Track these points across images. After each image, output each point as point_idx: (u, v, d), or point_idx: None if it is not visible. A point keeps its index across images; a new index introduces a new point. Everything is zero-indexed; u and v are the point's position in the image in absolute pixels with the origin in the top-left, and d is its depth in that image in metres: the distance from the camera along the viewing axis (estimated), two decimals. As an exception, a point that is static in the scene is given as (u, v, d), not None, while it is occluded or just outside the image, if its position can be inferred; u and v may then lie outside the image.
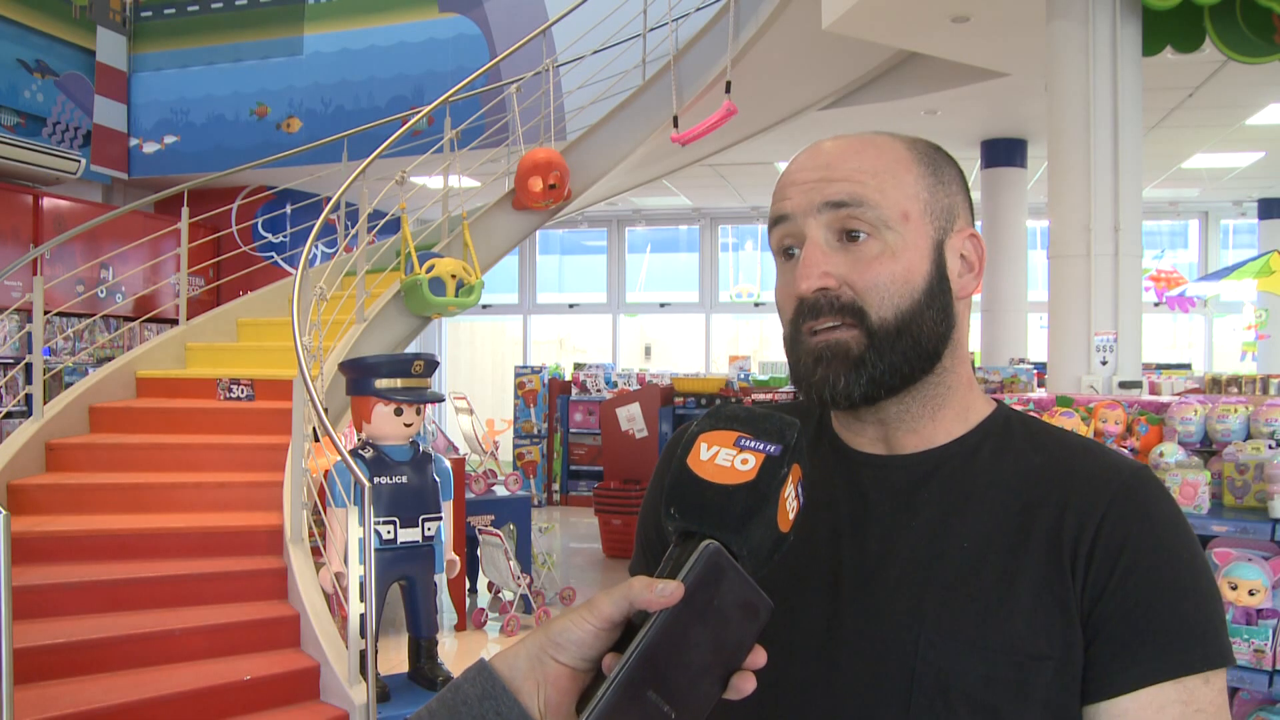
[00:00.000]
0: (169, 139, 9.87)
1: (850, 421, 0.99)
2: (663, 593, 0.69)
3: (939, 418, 0.95)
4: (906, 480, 0.94)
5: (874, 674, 0.87)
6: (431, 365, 4.40)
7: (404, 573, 4.20)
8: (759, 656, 0.73)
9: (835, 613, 0.90)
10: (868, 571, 0.91)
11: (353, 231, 6.48)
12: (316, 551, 4.51)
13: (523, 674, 0.72)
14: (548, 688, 0.71)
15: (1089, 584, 0.85)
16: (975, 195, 9.44)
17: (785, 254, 0.94)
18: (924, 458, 0.95)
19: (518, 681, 0.72)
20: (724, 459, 0.74)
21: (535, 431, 11.29)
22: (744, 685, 0.72)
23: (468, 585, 6.50)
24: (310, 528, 4.62)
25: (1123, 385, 4.37)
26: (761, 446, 0.75)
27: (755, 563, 0.73)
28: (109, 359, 6.95)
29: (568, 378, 11.62)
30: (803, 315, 0.91)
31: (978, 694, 0.84)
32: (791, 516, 0.75)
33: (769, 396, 8.00)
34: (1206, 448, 3.20)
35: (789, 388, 9.55)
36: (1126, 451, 3.18)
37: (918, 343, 0.91)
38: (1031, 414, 1.01)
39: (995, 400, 1.01)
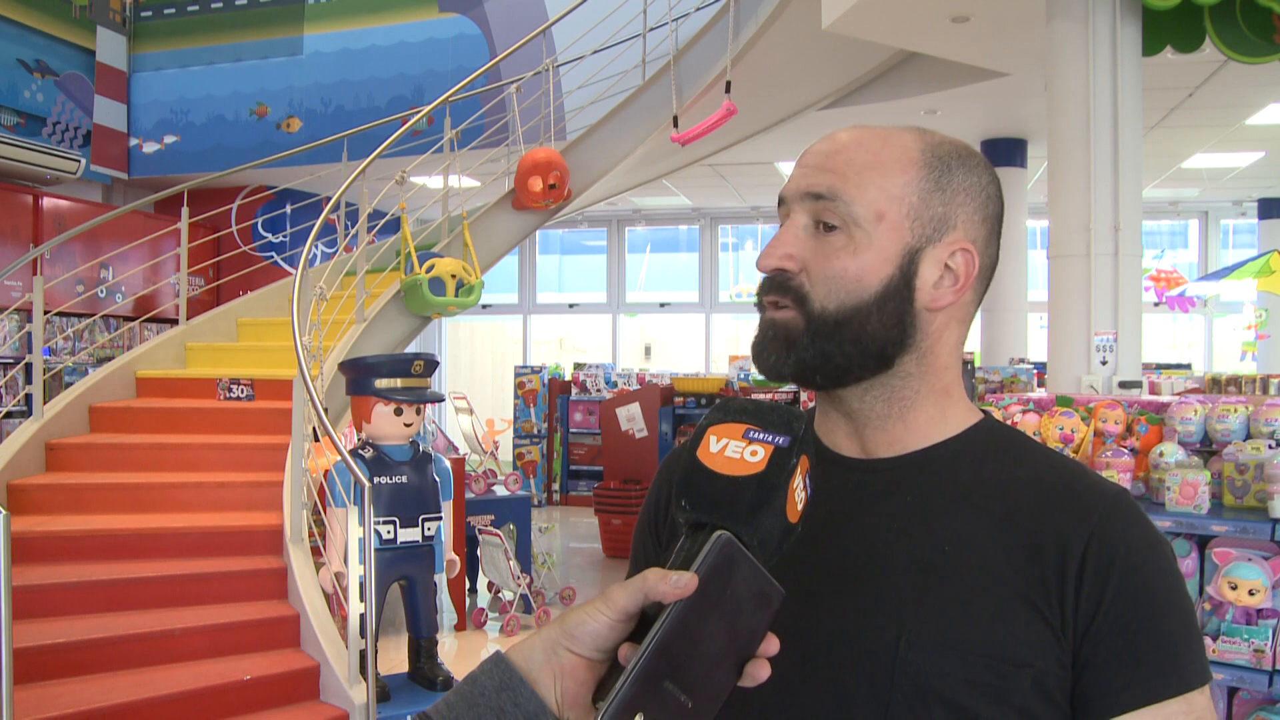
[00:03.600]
0: (169, 139, 9.87)
1: (825, 417, 1.00)
2: (677, 584, 0.70)
3: (908, 421, 0.96)
4: (886, 482, 0.95)
5: (853, 675, 0.88)
6: (431, 365, 4.40)
7: (404, 573, 4.20)
8: (772, 644, 0.74)
9: (814, 613, 0.90)
10: (847, 573, 0.91)
11: (353, 231, 6.49)
12: (316, 551, 4.51)
13: (539, 665, 0.72)
14: (564, 679, 0.72)
15: (1080, 608, 0.86)
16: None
17: None
18: (904, 461, 0.96)
19: (534, 673, 0.72)
20: (733, 451, 0.75)
21: (535, 431, 11.29)
22: (758, 673, 0.73)
23: (468, 585, 6.50)
24: (310, 528, 4.62)
25: (1123, 385, 4.37)
26: (770, 438, 0.75)
27: (765, 553, 0.74)
28: (109, 359, 6.95)
29: (568, 378, 11.62)
30: (763, 288, 0.96)
31: (955, 697, 0.85)
32: (800, 507, 0.76)
33: (769, 396, 8.00)
34: (1206, 448, 3.20)
35: (789, 387, 9.55)
36: (1126, 452, 3.18)
37: (859, 341, 0.92)
38: (1017, 430, 1.01)
39: (983, 412, 1.01)
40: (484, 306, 13.15)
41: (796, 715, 0.89)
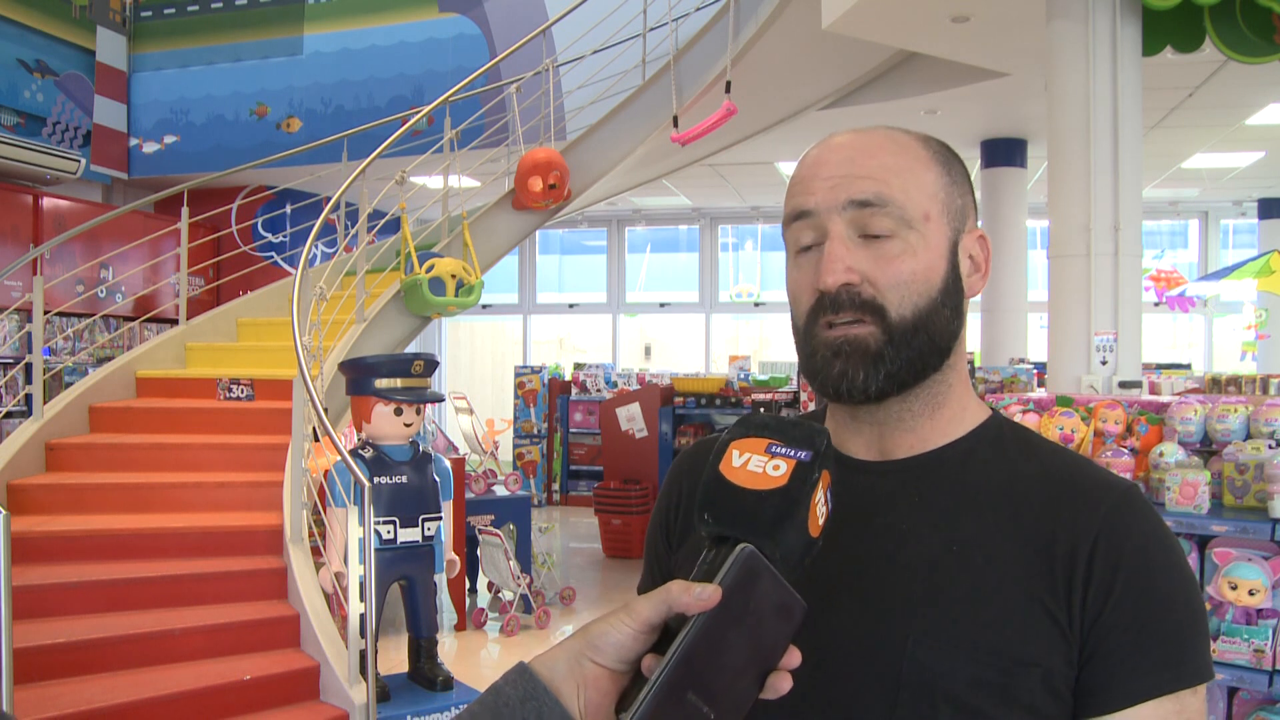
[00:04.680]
0: (169, 139, 9.87)
1: (844, 425, 0.99)
2: (701, 596, 0.70)
3: (937, 418, 0.96)
4: (897, 484, 0.95)
5: (861, 673, 0.88)
6: (431, 365, 4.40)
7: (404, 573, 4.20)
8: (794, 656, 0.74)
9: (823, 614, 0.90)
10: (856, 574, 0.91)
11: (353, 231, 6.49)
12: (316, 551, 4.51)
13: (562, 676, 0.73)
14: (587, 689, 0.73)
15: (1087, 602, 0.86)
16: (975, 195, 9.47)
17: (802, 248, 0.95)
18: (915, 462, 0.96)
19: (557, 683, 0.73)
20: (756, 465, 0.76)
21: (535, 431, 11.29)
22: (780, 684, 0.73)
23: (468, 585, 6.50)
24: (310, 528, 4.62)
25: (1123, 385, 4.37)
26: (792, 453, 0.76)
27: (787, 567, 0.74)
28: (109, 359, 6.95)
29: (568, 378, 11.63)
30: (822, 309, 0.92)
31: (963, 696, 0.85)
32: (821, 522, 0.77)
33: (769, 396, 7.99)
34: (1206, 448, 3.20)
35: (789, 387, 9.55)
36: (1126, 452, 3.18)
37: (932, 340, 0.92)
38: (1025, 426, 1.01)
39: (990, 408, 1.01)
40: (484, 306, 13.15)
41: (805, 714, 0.89)
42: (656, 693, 0.69)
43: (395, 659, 4.93)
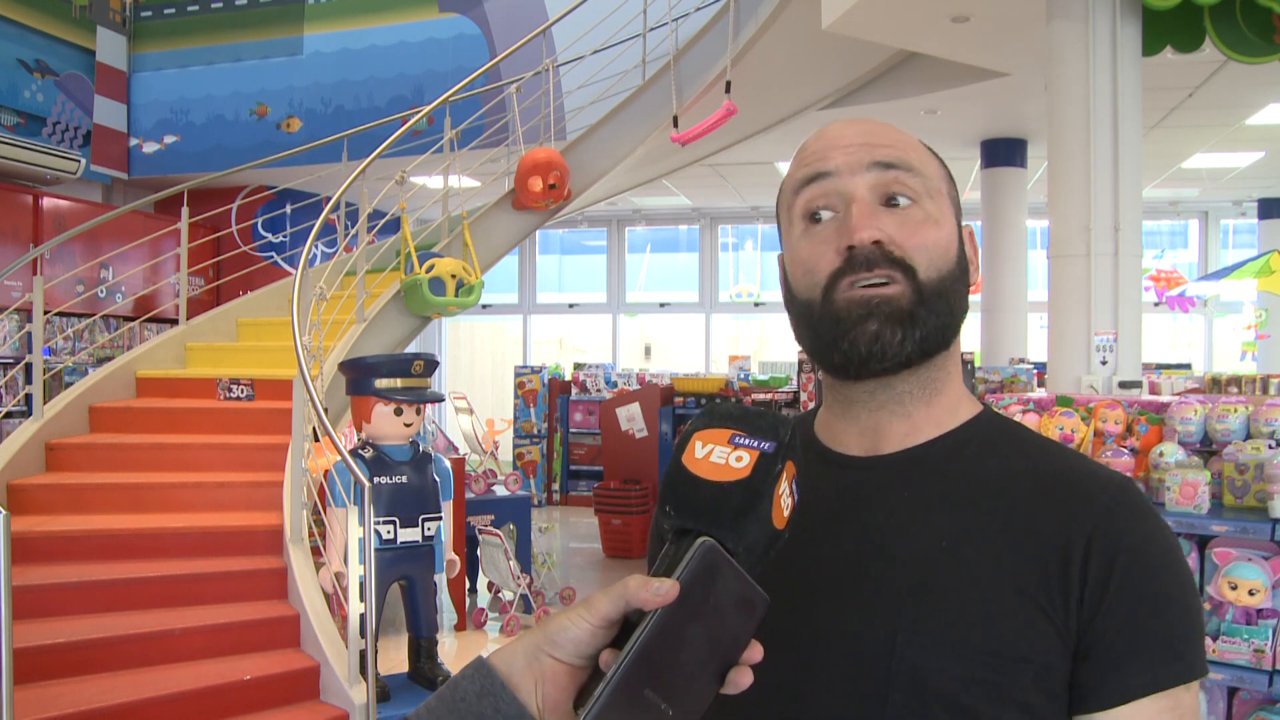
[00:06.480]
0: (169, 139, 9.87)
1: (839, 416, 0.98)
2: (658, 591, 0.69)
3: (934, 405, 0.95)
4: (886, 479, 0.94)
5: (851, 673, 0.87)
6: (431, 365, 4.40)
7: (404, 573, 4.20)
8: (755, 651, 0.73)
9: (812, 611, 0.90)
10: (845, 571, 0.90)
11: (353, 231, 6.49)
12: (316, 551, 4.51)
13: (520, 671, 0.72)
14: (545, 684, 0.72)
15: (1083, 601, 0.85)
16: (975, 195, 9.52)
17: (811, 218, 0.93)
18: (904, 456, 0.94)
19: (515, 678, 0.72)
20: (718, 456, 0.74)
21: (535, 431, 11.29)
22: (741, 680, 0.72)
23: (468, 585, 6.50)
24: (310, 528, 4.62)
25: (1123, 385, 4.37)
26: (755, 444, 0.74)
27: (751, 559, 0.73)
28: (109, 359, 6.95)
29: (568, 378, 11.63)
30: (851, 267, 0.89)
31: (955, 695, 0.84)
32: (786, 513, 0.75)
33: (769, 396, 7.99)
34: (1206, 448, 3.20)
35: (789, 387, 9.54)
36: (1126, 452, 3.18)
37: (951, 310, 0.92)
38: (1015, 421, 1.00)
39: (981, 403, 1.01)
40: (484, 306, 13.16)
41: (795, 715, 0.89)
42: (612, 689, 0.68)
43: (395, 659, 4.93)
